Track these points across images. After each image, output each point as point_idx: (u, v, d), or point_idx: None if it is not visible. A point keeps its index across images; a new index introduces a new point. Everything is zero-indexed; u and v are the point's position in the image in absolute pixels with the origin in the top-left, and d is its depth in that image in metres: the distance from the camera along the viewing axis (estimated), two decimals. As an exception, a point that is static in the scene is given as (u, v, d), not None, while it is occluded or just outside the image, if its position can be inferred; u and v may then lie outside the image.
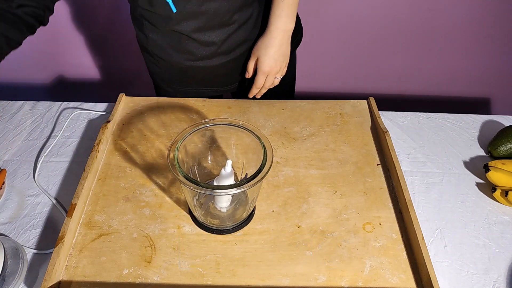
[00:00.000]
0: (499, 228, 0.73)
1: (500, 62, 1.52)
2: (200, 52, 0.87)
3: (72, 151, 0.85)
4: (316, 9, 1.40)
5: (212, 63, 0.89)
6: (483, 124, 0.94)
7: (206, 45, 0.85)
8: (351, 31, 1.44)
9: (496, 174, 0.77)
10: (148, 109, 0.92)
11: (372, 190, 0.76)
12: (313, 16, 1.41)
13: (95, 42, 1.47)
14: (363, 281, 0.62)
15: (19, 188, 0.78)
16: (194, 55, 0.87)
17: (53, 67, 1.56)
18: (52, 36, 1.44)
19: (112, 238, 0.67)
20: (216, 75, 0.94)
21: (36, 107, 0.96)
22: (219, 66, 0.90)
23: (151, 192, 0.75)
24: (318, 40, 1.48)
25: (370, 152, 0.83)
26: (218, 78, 0.95)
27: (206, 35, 0.83)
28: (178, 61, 0.89)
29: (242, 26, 0.85)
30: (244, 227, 0.69)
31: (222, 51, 0.87)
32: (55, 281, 0.60)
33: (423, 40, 1.45)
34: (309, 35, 1.32)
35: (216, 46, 0.86)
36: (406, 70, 1.55)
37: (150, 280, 0.62)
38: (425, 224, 0.72)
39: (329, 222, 0.70)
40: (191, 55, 0.87)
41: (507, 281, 0.65)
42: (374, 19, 1.37)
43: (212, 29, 0.83)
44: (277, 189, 0.76)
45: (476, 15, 1.38)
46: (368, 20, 1.36)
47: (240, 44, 0.88)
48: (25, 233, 0.70)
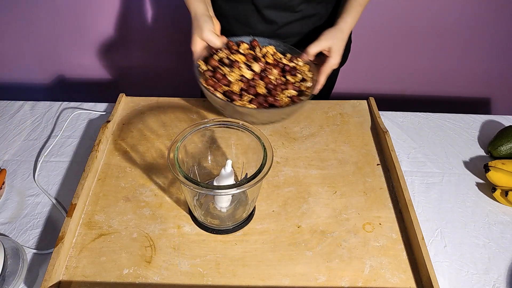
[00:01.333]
0: (499, 228, 0.73)
1: (500, 62, 1.52)
2: (259, 28, 0.88)
3: (72, 151, 0.85)
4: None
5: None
6: (483, 124, 0.94)
7: (268, 22, 0.87)
8: (351, 31, 1.44)
9: (496, 174, 0.77)
10: (148, 109, 0.92)
11: (372, 190, 0.76)
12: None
13: (95, 42, 1.47)
14: (363, 281, 0.62)
15: (19, 188, 0.78)
16: (254, 29, 0.88)
17: (53, 67, 1.56)
18: (52, 36, 1.44)
19: (112, 238, 0.67)
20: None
21: (36, 107, 0.96)
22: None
23: (151, 192, 0.75)
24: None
25: (370, 152, 0.83)
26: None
27: (272, 13, 0.85)
28: (236, 32, 0.90)
29: (306, 18, 0.87)
30: (244, 227, 0.69)
31: (279, 34, 0.88)
32: (55, 281, 0.60)
33: (423, 40, 1.45)
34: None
35: (276, 26, 0.87)
36: (406, 70, 1.55)
37: (150, 280, 0.62)
38: (425, 224, 0.72)
39: (329, 222, 0.70)
40: (250, 28, 0.88)
41: (507, 281, 0.65)
42: (374, 19, 1.37)
43: (278, 9, 0.84)
44: (277, 189, 0.76)
45: (476, 15, 1.38)
46: (368, 20, 1.36)
47: (297, 35, 0.89)
48: (25, 233, 0.70)
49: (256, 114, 0.72)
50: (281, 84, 0.78)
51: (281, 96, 0.76)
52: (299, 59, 0.83)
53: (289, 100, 0.76)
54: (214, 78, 0.75)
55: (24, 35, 1.43)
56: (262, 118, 0.74)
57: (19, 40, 1.44)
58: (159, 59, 1.54)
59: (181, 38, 1.45)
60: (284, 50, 0.85)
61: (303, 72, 0.81)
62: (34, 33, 1.43)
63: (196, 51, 0.78)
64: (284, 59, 0.83)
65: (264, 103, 0.73)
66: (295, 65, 0.82)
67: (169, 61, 1.55)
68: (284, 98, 0.75)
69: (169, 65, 1.56)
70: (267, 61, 0.81)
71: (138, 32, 1.46)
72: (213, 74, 0.76)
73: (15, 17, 1.38)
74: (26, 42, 1.45)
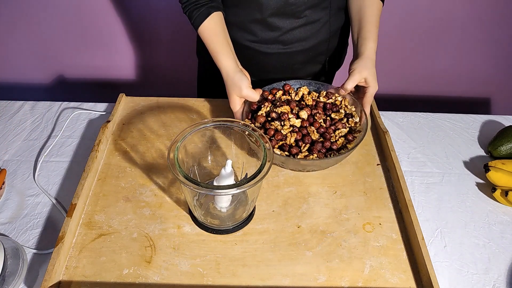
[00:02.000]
0: (499, 228, 0.73)
1: (500, 62, 1.52)
2: (261, 35, 0.88)
3: (72, 151, 0.85)
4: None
5: (269, 49, 0.90)
6: (483, 124, 0.94)
7: (272, 29, 0.86)
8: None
9: (496, 174, 0.77)
10: (148, 109, 0.92)
11: (372, 190, 0.76)
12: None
13: (95, 42, 1.47)
14: (363, 281, 0.62)
15: (19, 188, 0.77)
16: (256, 36, 0.88)
17: (53, 67, 1.56)
18: (52, 36, 1.44)
19: (112, 238, 0.67)
20: (266, 63, 0.94)
21: (36, 107, 0.96)
22: (274, 55, 0.91)
23: (151, 192, 0.74)
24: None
25: (370, 152, 0.83)
26: (267, 67, 0.95)
27: (276, 20, 0.85)
28: (238, 39, 0.89)
29: (309, 24, 0.87)
30: (244, 227, 0.69)
31: (282, 40, 0.88)
32: (55, 281, 0.60)
33: (423, 40, 1.45)
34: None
35: (279, 32, 0.87)
36: (406, 70, 1.55)
37: (150, 280, 0.62)
38: (425, 224, 0.72)
39: (329, 222, 0.70)
40: (253, 35, 0.88)
41: (507, 281, 0.65)
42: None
43: (283, 16, 0.84)
44: (277, 189, 0.76)
45: (477, 15, 1.38)
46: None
47: (299, 40, 0.89)
48: (25, 233, 0.70)
49: (320, 164, 0.73)
50: (330, 125, 0.78)
51: (335, 137, 0.76)
52: (336, 94, 0.83)
53: (344, 140, 0.76)
54: (267, 135, 0.75)
55: (24, 35, 1.43)
56: (325, 166, 0.75)
57: (19, 40, 1.44)
58: (159, 59, 1.54)
59: (181, 38, 1.45)
60: (317, 87, 0.85)
61: (345, 107, 0.82)
62: (34, 33, 1.43)
63: (238, 111, 0.79)
64: (321, 97, 0.83)
65: (322, 149, 0.74)
66: (333, 101, 0.83)
67: (169, 61, 1.55)
68: (339, 139, 0.76)
69: (169, 65, 1.56)
70: (306, 103, 0.81)
71: (138, 32, 1.46)
72: (265, 131, 0.76)
73: (15, 17, 1.38)
74: (26, 42, 1.45)
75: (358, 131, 0.78)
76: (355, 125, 0.79)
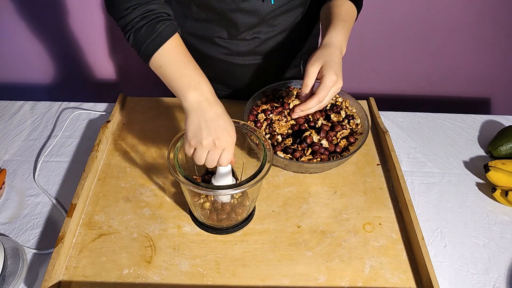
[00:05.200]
0: (499, 228, 0.73)
1: (500, 62, 1.52)
2: (237, 49, 0.86)
3: (72, 151, 0.85)
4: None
5: (245, 61, 0.88)
6: (483, 124, 0.94)
7: (246, 43, 0.84)
8: (351, 31, 1.44)
9: (496, 174, 0.77)
10: (148, 109, 0.92)
11: (372, 190, 0.76)
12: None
13: (95, 42, 1.47)
14: (363, 281, 0.62)
15: (19, 188, 0.77)
16: (231, 50, 0.86)
17: (53, 67, 1.56)
18: (52, 36, 1.44)
19: (112, 238, 0.67)
20: (241, 75, 0.92)
21: (36, 107, 0.96)
22: (249, 66, 0.89)
23: (151, 192, 0.74)
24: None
25: (370, 152, 0.83)
26: (242, 78, 0.93)
27: (251, 33, 0.83)
28: (211, 53, 0.88)
29: (284, 32, 0.85)
30: (244, 227, 0.69)
31: (258, 51, 0.86)
32: (55, 281, 0.60)
33: (423, 40, 1.45)
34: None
35: (254, 44, 0.85)
36: (406, 70, 1.55)
37: (150, 280, 0.62)
38: (425, 224, 0.72)
39: (329, 222, 0.70)
40: (228, 49, 0.86)
41: (507, 281, 0.65)
42: (374, 19, 1.37)
43: (258, 26, 0.82)
44: (277, 189, 0.76)
45: (476, 15, 1.38)
46: (368, 20, 1.36)
47: (276, 49, 0.87)
48: (25, 233, 0.70)
49: (323, 167, 0.73)
50: (331, 127, 0.78)
51: (336, 140, 0.77)
52: (336, 95, 0.82)
53: (346, 142, 0.77)
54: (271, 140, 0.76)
55: (24, 35, 1.43)
56: (327, 168, 0.75)
57: (19, 40, 1.44)
58: (159, 59, 1.54)
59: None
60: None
61: (345, 108, 0.82)
62: (34, 33, 1.43)
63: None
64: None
65: (325, 152, 0.74)
66: (334, 102, 0.83)
67: (169, 61, 1.55)
68: (341, 142, 0.76)
69: (169, 65, 1.55)
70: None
71: (138, 32, 1.46)
72: (270, 137, 0.77)
73: (15, 17, 1.38)
74: (26, 42, 1.45)
75: (359, 133, 0.78)
76: (356, 127, 0.79)
